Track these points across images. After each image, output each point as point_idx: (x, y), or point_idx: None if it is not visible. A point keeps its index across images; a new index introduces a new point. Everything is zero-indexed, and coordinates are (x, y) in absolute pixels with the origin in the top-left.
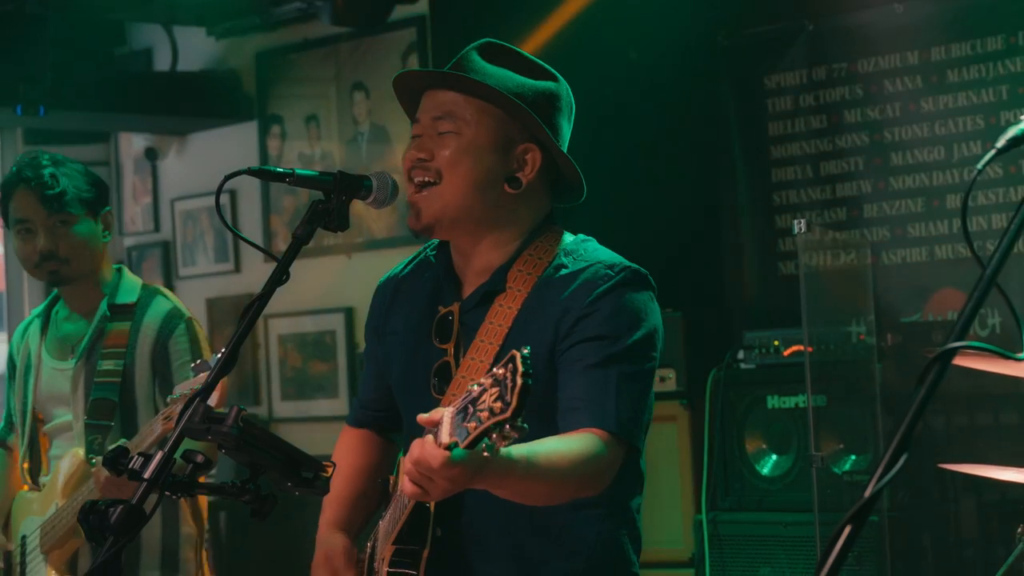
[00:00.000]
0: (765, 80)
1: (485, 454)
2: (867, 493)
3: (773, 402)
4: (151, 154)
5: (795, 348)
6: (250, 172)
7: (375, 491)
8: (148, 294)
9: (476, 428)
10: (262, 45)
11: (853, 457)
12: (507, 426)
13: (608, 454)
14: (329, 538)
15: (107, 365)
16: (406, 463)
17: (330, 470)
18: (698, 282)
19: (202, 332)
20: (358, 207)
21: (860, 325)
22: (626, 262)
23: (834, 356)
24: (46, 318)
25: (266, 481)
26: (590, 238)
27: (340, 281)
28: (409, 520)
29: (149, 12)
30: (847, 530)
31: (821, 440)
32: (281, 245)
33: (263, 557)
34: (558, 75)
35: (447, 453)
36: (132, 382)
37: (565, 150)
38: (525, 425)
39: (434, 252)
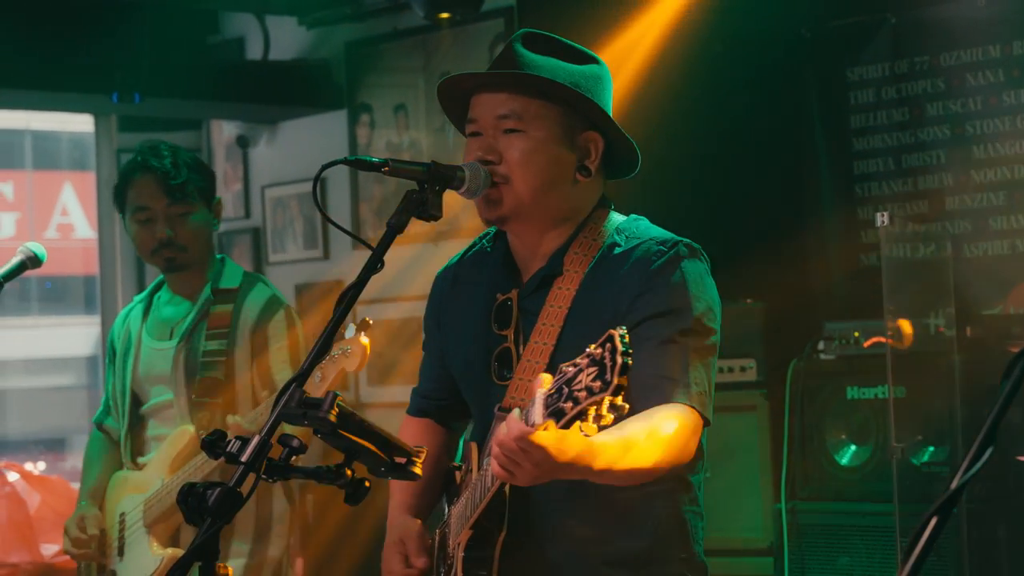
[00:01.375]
0: (848, 73)
1: (585, 435)
2: (953, 485)
3: (853, 393)
4: (242, 141)
5: (875, 339)
6: (347, 162)
7: (439, 478)
8: (250, 281)
9: (573, 408)
10: (352, 35)
11: (931, 449)
12: (607, 405)
13: (692, 429)
14: (402, 521)
15: (212, 345)
16: (492, 445)
17: (423, 456)
18: (779, 273)
19: (299, 320)
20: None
21: (939, 318)
22: (677, 237)
23: (914, 348)
24: (148, 303)
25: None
26: (641, 217)
27: (426, 268)
28: (489, 504)
29: (242, 1)
30: (933, 521)
31: (900, 432)
32: (369, 232)
33: (347, 539)
34: (596, 56)
35: (530, 431)
36: (234, 363)
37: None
38: (626, 404)
39: (490, 242)
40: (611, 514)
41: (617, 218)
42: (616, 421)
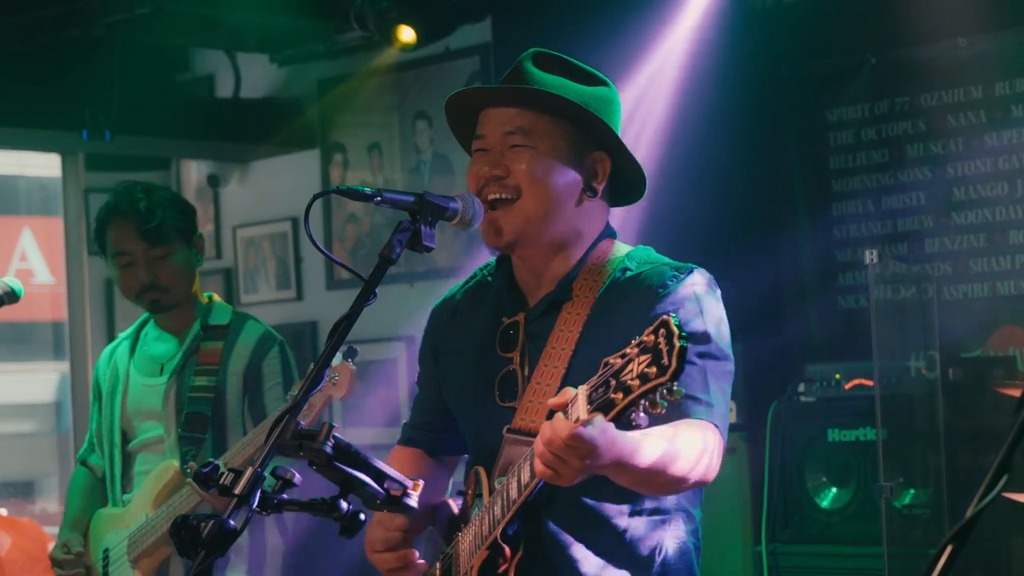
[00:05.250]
0: (827, 113)
1: (637, 426)
2: (969, 513)
3: (834, 435)
4: (213, 181)
5: (856, 381)
6: (339, 192)
7: (426, 507)
8: (240, 318)
9: (624, 398)
10: (325, 73)
11: (912, 491)
12: (664, 390)
13: (717, 447)
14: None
15: (200, 381)
16: (537, 444)
17: (419, 488)
18: (759, 315)
19: (292, 356)
20: None
21: (921, 360)
22: (690, 264)
23: (896, 390)
24: (135, 339)
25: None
26: (649, 247)
27: (402, 310)
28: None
29: (212, 38)
30: (948, 550)
31: (883, 473)
32: (343, 273)
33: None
34: (607, 79)
35: (578, 427)
36: (223, 399)
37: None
38: (681, 388)
39: (491, 273)
40: (620, 544)
41: (624, 247)
42: (669, 410)
